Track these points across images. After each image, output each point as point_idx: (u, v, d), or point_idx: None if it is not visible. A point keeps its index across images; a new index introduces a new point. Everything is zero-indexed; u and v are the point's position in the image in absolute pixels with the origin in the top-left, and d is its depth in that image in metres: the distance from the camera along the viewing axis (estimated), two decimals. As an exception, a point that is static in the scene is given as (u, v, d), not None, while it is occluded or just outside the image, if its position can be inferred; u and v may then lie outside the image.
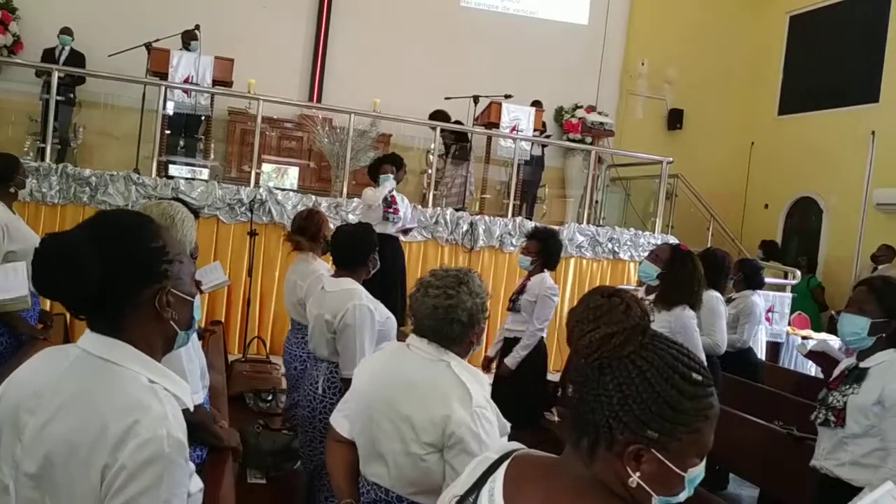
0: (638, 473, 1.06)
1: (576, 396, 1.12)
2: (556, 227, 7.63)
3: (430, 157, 8.30)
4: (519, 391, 4.17)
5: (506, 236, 7.56)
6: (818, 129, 10.73)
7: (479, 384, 2.01)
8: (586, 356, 1.11)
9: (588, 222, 8.55)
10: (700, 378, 1.08)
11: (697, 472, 1.09)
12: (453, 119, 8.71)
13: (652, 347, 1.09)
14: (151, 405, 1.24)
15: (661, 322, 3.55)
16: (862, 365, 2.59)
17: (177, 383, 1.34)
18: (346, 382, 2.90)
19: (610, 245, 8.09)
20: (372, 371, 2.13)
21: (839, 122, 10.43)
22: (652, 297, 3.70)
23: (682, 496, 1.10)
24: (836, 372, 2.75)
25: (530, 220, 8.16)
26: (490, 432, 1.91)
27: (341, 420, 2.15)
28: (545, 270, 4.50)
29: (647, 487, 1.07)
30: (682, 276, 3.58)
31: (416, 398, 1.96)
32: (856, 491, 2.46)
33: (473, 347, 2.11)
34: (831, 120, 10.59)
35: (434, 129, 8.18)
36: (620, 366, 1.08)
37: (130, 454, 1.19)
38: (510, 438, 1.92)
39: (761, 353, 6.95)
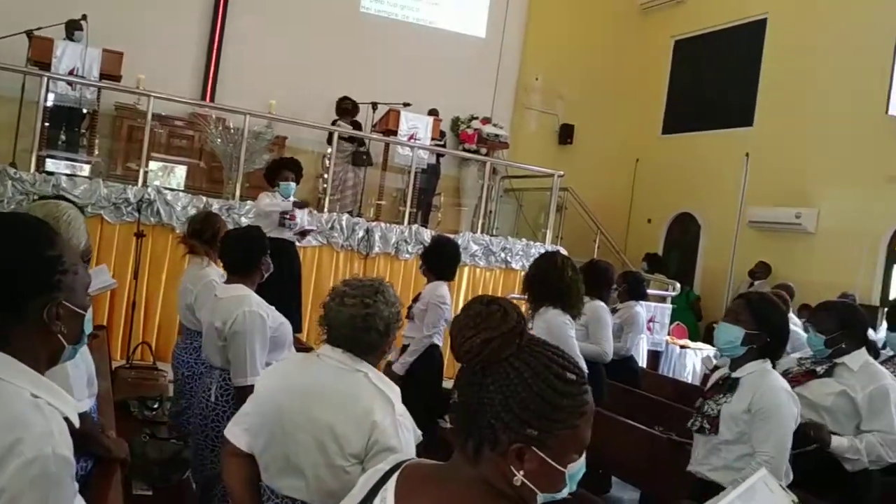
0: (521, 472, 1.11)
1: (461, 401, 1.17)
2: (452, 236, 7.77)
3: (327, 161, 8.25)
4: (413, 398, 4.21)
5: (402, 243, 7.59)
6: (698, 149, 11.34)
7: (395, 394, 2.03)
8: (468, 361, 1.16)
9: (482, 232, 8.71)
10: (574, 377, 1.15)
11: (577, 467, 1.15)
12: (354, 119, 8.70)
13: (529, 350, 1.16)
14: (35, 421, 1.17)
15: (538, 327, 3.69)
16: (734, 375, 2.76)
17: (61, 397, 1.26)
18: (239, 391, 2.85)
19: (503, 254, 8.26)
20: (279, 382, 2.08)
21: (717, 142, 11.05)
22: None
23: (564, 492, 1.16)
24: (711, 382, 2.93)
25: (425, 227, 8.24)
26: (409, 441, 1.93)
27: (240, 433, 2.08)
28: (441, 280, 4.55)
29: (530, 485, 1.11)
30: (550, 276, 3.71)
31: (336, 408, 1.94)
32: (720, 492, 2.61)
33: (385, 357, 2.13)
34: (710, 140, 11.22)
35: (332, 132, 8.14)
36: (500, 369, 1.13)
37: (12, 475, 1.12)
38: None
39: (643, 362, 7.27)
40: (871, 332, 4.41)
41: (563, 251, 8.04)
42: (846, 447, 3.05)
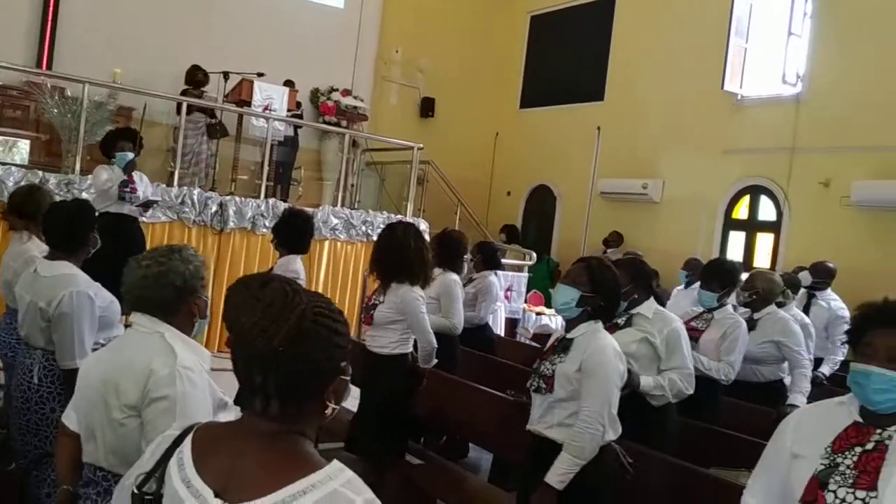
0: (333, 401, 1.32)
1: (272, 368, 1.26)
2: (311, 210, 7.64)
3: (178, 133, 7.88)
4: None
5: (258, 218, 7.40)
6: (553, 123, 11.70)
7: (196, 354, 2.03)
8: (271, 344, 1.25)
9: (343, 205, 8.63)
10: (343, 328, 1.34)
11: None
12: (204, 90, 8.35)
13: (318, 313, 1.29)
14: None
15: (389, 301, 3.71)
16: (568, 336, 2.88)
17: None
18: (67, 374, 2.70)
19: (364, 228, 8.23)
20: (97, 358, 2.12)
21: (571, 117, 11.45)
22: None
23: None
24: (549, 343, 3.05)
25: (285, 202, 8.06)
26: (192, 395, 1.92)
27: (70, 413, 2.11)
28: (293, 253, 4.48)
29: (337, 406, 1.34)
30: (394, 248, 3.75)
31: (124, 368, 1.96)
32: (560, 448, 2.74)
33: (197, 321, 2.09)
34: (565, 115, 11.60)
35: (181, 103, 7.78)
36: (309, 335, 1.27)
37: None
38: None
39: (500, 329, 7.48)
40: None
41: (424, 223, 8.16)
42: (653, 385, 3.39)
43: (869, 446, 1.85)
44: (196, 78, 8.30)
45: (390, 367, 3.78)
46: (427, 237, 4.75)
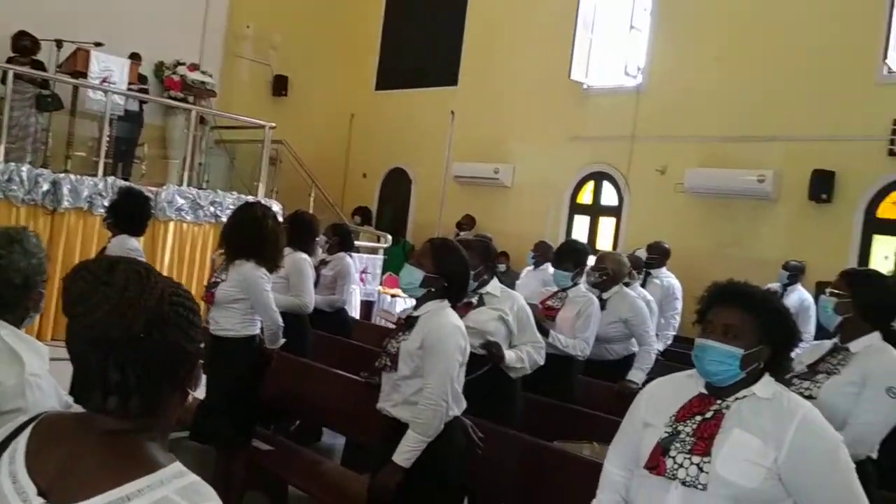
0: (193, 387, 1.25)
1: (132, 358, 1.15)
2: (155, 189, 7.27)
3: (4, 104, 7.24)
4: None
5: (96, 197, 6.94)
6: (409, 106, 11.74)
7: (37, 354, 1.84)
8: (131, 324, 1.15)
9: (190, 185, 8.27)
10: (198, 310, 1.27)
11: None
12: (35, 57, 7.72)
13: (173, 294, 1.21)
14: None
15: (232, 279, 3.64)
16: (414, 314, 2.92)
17: None
18: None
19: (212, 209, 7.92)
20: None
21: (426, 100, 11.53)
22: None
23: None
24: (396, 322, 3.07)
25: (127, 180, 7.62)
26: (44, 403, 1.76)
27: None
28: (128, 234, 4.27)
29: (195, 392, 1.28)
30: (248, 228, 3.70)
31: None
32: (405, 426, 2.77)
33: (30, 315, 1.92)
34: (420, 98, 11.66)
35: (6, 72, 7.15)
36: (169, 319, 1.18)
37: None
38: None
39: (356, 312, 7.46)
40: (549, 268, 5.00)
41: (277, 205, 7.96)
42: (515, 358, 3.55)
43: (708, 415, 1.97)
44: (21, 45, 7.65)
45: (236, 349, 3.70)
46: (280, 219, 4.66)
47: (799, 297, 7.06)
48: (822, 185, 7.73)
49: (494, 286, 3.73)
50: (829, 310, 2.85)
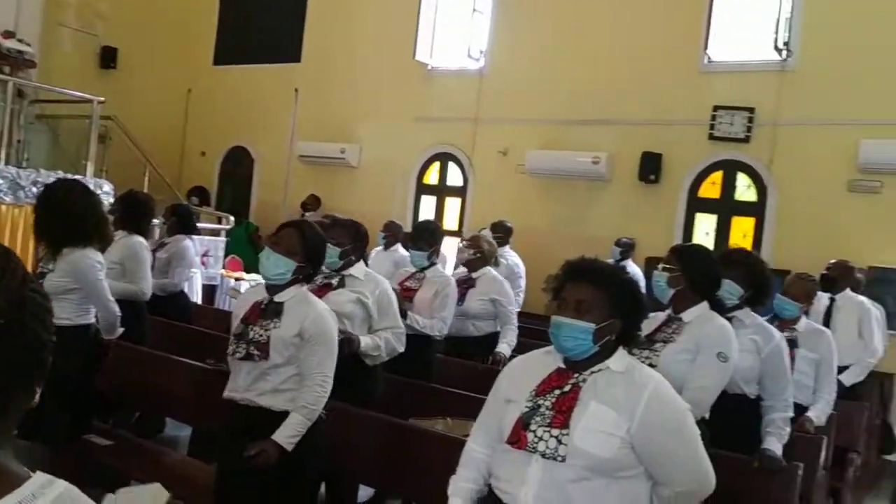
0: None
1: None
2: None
3: None
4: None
5: None
6: (251, 82, 11.33)
7: None
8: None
9: (8, 163, 7.58)
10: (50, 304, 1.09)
11: None
12: None
13: (33, 285, 1.02)
14: None
15: (60, 269, 3.40)
16: (277, 299, 2.84)
17: None
18: None
19: (34, 189, 7.29)
20: None
21: (268, 76, 11.18)
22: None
23: None
24: (248, 308, 2.96)
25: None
26: None
27: None
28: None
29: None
30: (56, 210, 3.45)
31: None
32: (275, 415, 2.72)
33: None
34: (262, 74, 11.29)
35: None
36: (28, 304, 0.98)
37: None
38: None
39: (198, 297, 7.16)
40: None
41: (108, 184, 7.48)
42: (371, 346, 3.51)
43: (566, 388, 2.05)
44: None
45: (69, 341, 3.43)
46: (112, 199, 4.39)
47: (630, 272, 7.51)
48: (650, 167, 8.24)
49: (359, 269, 3.69)
50: (662, 284, 3.05)
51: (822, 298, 5.60)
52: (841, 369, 5.27)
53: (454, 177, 9.88)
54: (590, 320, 2.04)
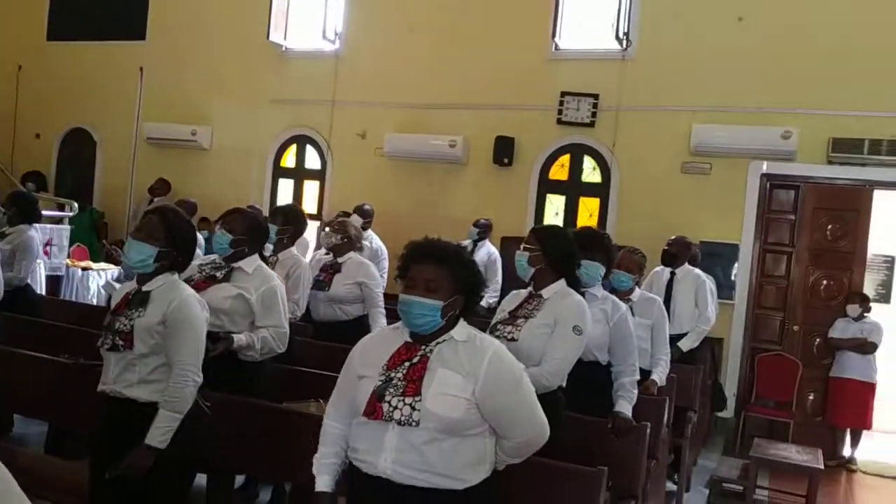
0: None
1: None
2: None
3: None
4: None
5: None
6: (90, 60, 10.71)
7: None
8: None
9: None
10: None
11: None
12: None
13: None
14: None
15: None
16: (144, 288, 2.79)
17: None
18: None
19: None
20: None
21: (110, 55, 10.59)
22: None
23: None
24: (115, 298, 2.89)
25: None
26: None
27: None
28: None
29: None
30: None
31: None
32: (141, 406, 2.68)
33: None
34: (103, 52, 10.68)
35: None
36: None
37: None
38: None
39: (42, 288, 6.77)
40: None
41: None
42: (245, 343, 3.43)
43: (415, 360, 2.21)
44: None
45: None
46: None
47: (487, 251, 7.83)
48: (504, 150, 8.55)
49: (251, 263, 3.56)
50: (523, 263, 3.26)
51: (664, 272, 6.10)
52: (680, 336, 5.80)
53: (312, 160, 9.81)
54: (438, 298, 2.20)
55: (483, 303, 7.48)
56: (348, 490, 2.31)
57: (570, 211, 8.56)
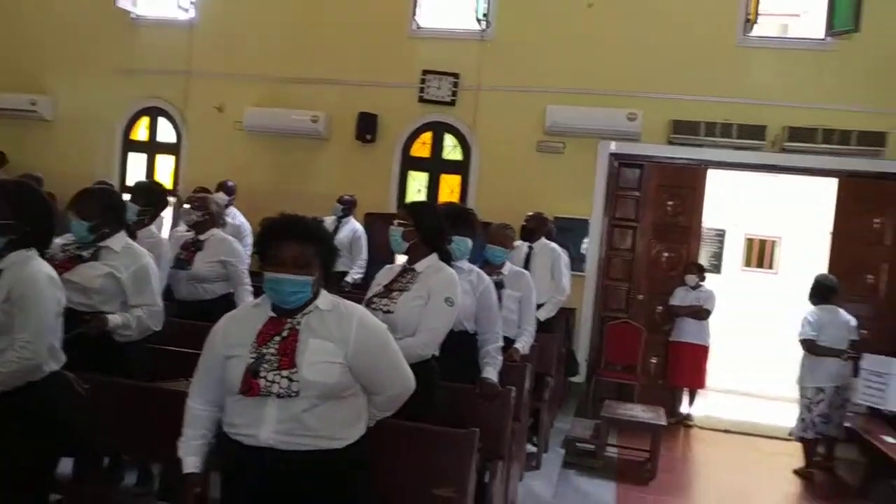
0: None
1: None
2: None
3: None
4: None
5: None
6: None
7: None
8: None
9: None
10: None
11: None
12: None
13: None
14: None
15: None
16: (-1, 267, 2.67)
17: None
18: None
19: None
20: None
21: None
22: None
23: None
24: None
25: None
26: None
27: None
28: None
29: None
30: None
31: None
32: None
33: None
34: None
35: None
36: None
37: None
38: None
39: None
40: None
41: None
42: (120, 323, 3.35)
43: (285, 334, 2.28)
44: None
45: None
46: None
47: (352, 227, 7.88)
48: (366, 127, 8.59)
49: (118, 241, 3.45)
50: (397, 237, 3.37)
51: (522, 247, 6.39)
52: (538, 307, 6.12)
53: (166, 133, 9.42)
54: (307, 274, 2.28)
55: (348, 278, 7.57)
56: (224, 464, 2.35)
57: (432, 187, 8.74)
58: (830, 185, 7.95)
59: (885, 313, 7.57)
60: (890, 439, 5.60)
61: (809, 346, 6.06)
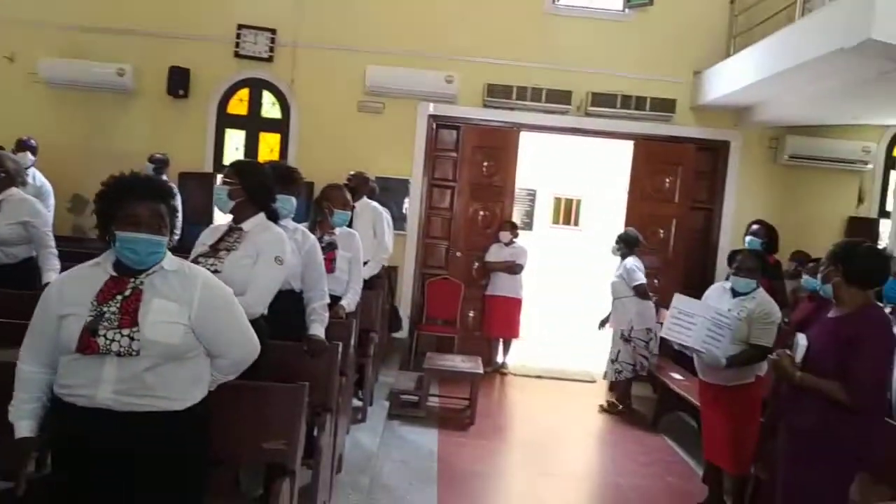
0: None
1: None
2: None
3: None
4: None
5: None
6: None
7: None
8: None
9: None
10: None
11: None
12: None
13: None
14: None
15: None
16: None
17: None
18: None
19: None
20: None
21: None
22: None
23: None
24: None
25: None
26: None
27: None
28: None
29: None
30: None
31: None
32: None
33: None
34: None
35: None
36: None
37: None
38: None
39: None
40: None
41: None
42: None
43: (127, 293, 2.27)
44: None
45: None
46: None
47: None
48: (178, 82, 8.19)
49: None
50: (223, 196, 3.34)
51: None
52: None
53: (-56, 83, 8.47)
54: (163, 234, 2.29)
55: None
56: (56, 428, 2.30)
57: (251, 146, 8.54)
58: (628, 148, 8.64)
59: (673, 263, 8.43)
60: (678, 376, 6.33)
61: (644, 290, 6.70)
